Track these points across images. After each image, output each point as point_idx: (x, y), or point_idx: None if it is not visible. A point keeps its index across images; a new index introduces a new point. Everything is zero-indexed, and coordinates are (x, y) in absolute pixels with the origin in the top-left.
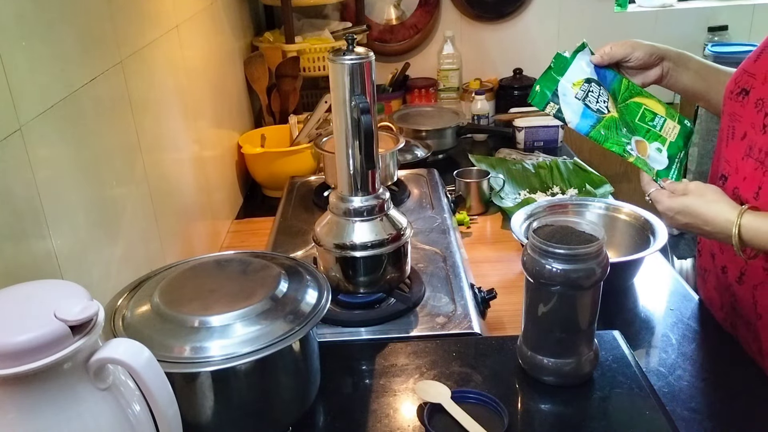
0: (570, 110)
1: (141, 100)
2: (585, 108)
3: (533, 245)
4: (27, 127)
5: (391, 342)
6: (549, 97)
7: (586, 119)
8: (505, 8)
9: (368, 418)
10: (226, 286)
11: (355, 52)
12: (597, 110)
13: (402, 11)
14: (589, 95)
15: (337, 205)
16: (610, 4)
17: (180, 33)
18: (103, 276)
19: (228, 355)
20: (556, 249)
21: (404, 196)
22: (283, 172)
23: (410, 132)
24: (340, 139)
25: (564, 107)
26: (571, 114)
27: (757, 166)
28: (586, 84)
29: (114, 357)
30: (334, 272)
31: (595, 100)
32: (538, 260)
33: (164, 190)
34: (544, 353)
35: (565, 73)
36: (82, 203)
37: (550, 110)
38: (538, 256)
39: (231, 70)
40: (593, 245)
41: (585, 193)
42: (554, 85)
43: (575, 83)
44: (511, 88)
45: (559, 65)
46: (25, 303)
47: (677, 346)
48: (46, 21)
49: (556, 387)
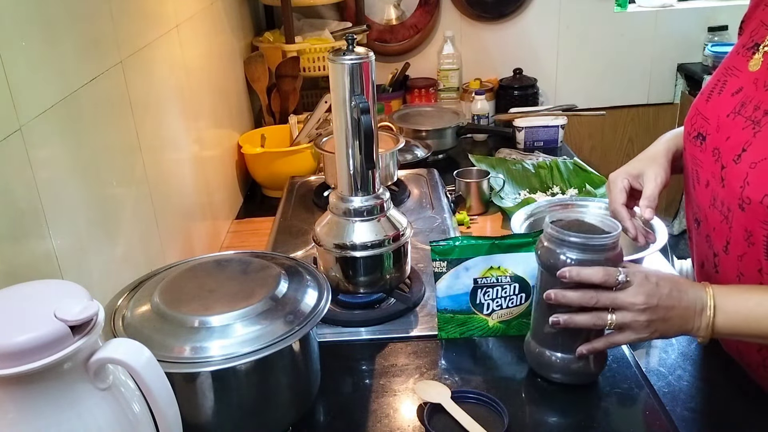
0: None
1: (141, 100)
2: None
3: (549, 235)
4: (27, 127)
5: (391, 342)
6: None
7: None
8: (505, 8)
9: (368, 418)
10: (226, 286)
11: (355, 52)
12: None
13: (402, 11)
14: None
15: (337, 205)
16: (610, 4)
17: (180, 33)
18: (103, 276)
19: (228, 355)
20: (571, 238)
21: (404, 196)
22: (283, 172)
23: (410, 132)
24: (340, 139)
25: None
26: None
27: (722, 219)
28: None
29: (114, 357)
30: (334, 272)
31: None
32: (553, 250)
33: (164, 190)
34: (552, 348)
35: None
36: (82, 203)
37: None
38: (554, 246)
39: (231, 70)
40: (608, 236)
41: (585, 193)
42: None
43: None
44: (511, 88)
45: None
46: (25, 303)
47: (677, 346)
48: (46, 21)
49: (556, 387)
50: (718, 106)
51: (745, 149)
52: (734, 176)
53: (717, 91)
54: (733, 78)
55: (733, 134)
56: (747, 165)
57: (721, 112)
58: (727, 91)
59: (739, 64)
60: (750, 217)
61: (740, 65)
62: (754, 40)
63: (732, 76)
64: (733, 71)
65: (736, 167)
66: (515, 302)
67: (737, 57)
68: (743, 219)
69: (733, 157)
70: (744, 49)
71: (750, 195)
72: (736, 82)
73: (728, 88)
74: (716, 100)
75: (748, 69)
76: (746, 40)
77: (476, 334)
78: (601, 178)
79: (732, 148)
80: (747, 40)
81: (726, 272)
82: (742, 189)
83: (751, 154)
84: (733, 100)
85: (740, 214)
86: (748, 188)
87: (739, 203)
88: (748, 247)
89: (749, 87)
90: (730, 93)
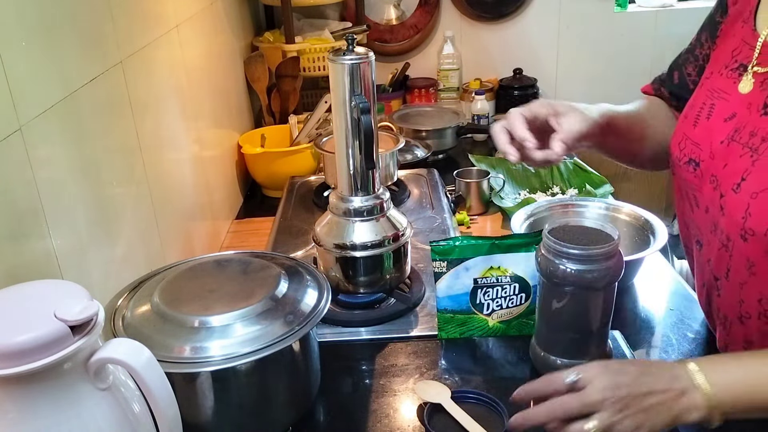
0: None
1: (141, 100)
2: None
3: (547, 245)
4: (27, 127)
5: (391, 342)
6: None
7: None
8: (505, 8)
9: (368, 418)
10: (226, 286)
11: (355, 52)
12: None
13: (402, 11)
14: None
15: (337, 205)
16: (610, 4)
17: (180, 33)
18: (103, 276)
19: (228, 355)
20: (570, 249)
21: (404, 196)
22: (283, 172)
23: (410, 132)
24: (340, 139)
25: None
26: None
27: (722, 246)
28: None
29: (114, 357)
30: (334, 272)
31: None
32: (551, 260)
33: (164, 190)
34: (556, 353)
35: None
36: (82, 203)
37: None
38: (552, 256)
39: (231, 70)
40: (607, 246)
41: (585, 193)
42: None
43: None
44: (511, 88)
45: None
46: (25, 303)
47: (677, 346)
48: (46, 21)
49: None
50: (710, 132)
51: (744, 178)
52: (734, 206)
53: (705, 116)
54: (722, 101)
55: (730, 162)
56: (748, 195)
57: (714, 139)
58: (716, 115)
59: (726, 86)
60: (753, 247)
61: (727, 87)
62: (738, 60)
63: (720, 99)
64: (721, 94)
65: (735, 196)
66: (515, 302)
67: (721, 78)
68: (745, 249)
69: (732, 186)
70: (728, 70)
71: (753, 227)
72: (727, 107)
73: (717, 112)
74: (705, 125)
75: (738, 91)
76: (727, 59)
77: (476, 334)
78: (601, 178)
79: (730, 176)
80: (729, 60)
81: (727, 296)
82: (744, 220)
83: (751, 184)
84: (727, 126)
85: (742, 243)
86: (750, 219)
87: (741, 234)
88: (749, 276)
89: (743, 112)
90: (722, 118)
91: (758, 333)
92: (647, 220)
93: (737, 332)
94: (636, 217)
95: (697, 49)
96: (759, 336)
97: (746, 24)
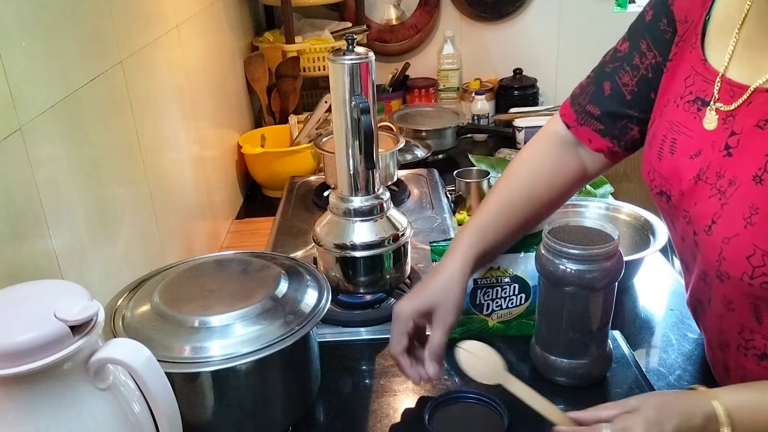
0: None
1: (141, 100)
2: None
3: (547, 245)
4: (27, 127)
5: None
6: None
7: None
8: (505, 8)
9: (368, 418)
10: (226, 286)
11: (355, 52)
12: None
13: (402, 11)
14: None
15: (337, 205)
16: (610, 4)
17: (180, 33)
18: (103, 276)
19: (228, 355)
20: (570, 249)
21: (404, 196)
22: (283, 172)
23: (410, 132)
24: (340, 139)
25: None
26: None
27: (700, 279)
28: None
29: (114, 357)
30: (334, 272)
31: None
32: (551, 260)
33: (164, 190)
34: (556, 353)
35: None
36: (82, 203)
37: None
38: (552, 256)
39: (231, 70)
40: (607, 246)
41: (585, 193)
42: None
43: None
44: (511, 88)
45: None
46: (25, 303)
47: (677, 346)
48: (46, 21)
49: (556, 387)
50: (676, 167)
51: (714, 221)
52: (708, 247)
53: (668, 150)
54: (684, 137)
55: (700, 201)
56: (720, 239)
57: (682, 176)
58: (680, 151)
59: (686, 120)
60: (730, 287)
61: (688, 122)
62: (694, 93)
63: (682, 135)
64: (681, 129)
65: (708, 238)
66: (515, 303)
67: (678, 111)
68: (721, 287)
69: (703, 227)
70: (684, 102)
71: (728, 271)
72: (691, 143)
73: (681, 147)
74: (670, 160)
75: (701, 127)
76: (681, 89)
77: (476, 334)
78: (601, 178)
79: (701, 216)
80: (682, 90)
81: (711, 322)
82: (718, 263)
83: (722, 228)
84: (693, 164)
85: (718, 283)
86: (724, 263)
87: (717, 275)
88: (727, 312)
89: (707, 150)
90: (687, 155)
91: (734, 362)
92: (647, 220)
93: (718, 356)
94: (636, 217)
95: (636, 57)
96: (735, 365)
97: (694, 50)
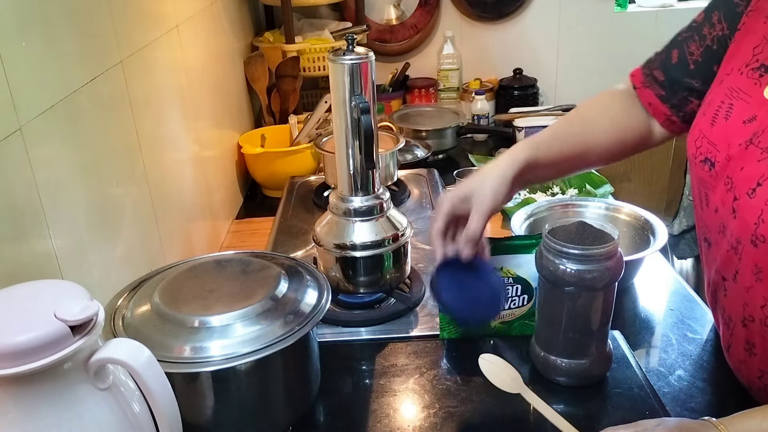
0: None
1: (141, 100)
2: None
3: (547, 245)
4: (27, 127)
5: (391, 342)
6: None
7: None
8: (505, 8)
9: (368, 418)
10: (226, 286)
11: (355, 52)
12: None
13: (402, 11)
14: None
15: (337, 205)
16: (610, 4)
17: (180, 33)
18: (103, 276)
19: (228, 355)
20: (570, 249)
21: (404, 196)
22: (283, 172)
23: (410, 132)
24: (340, 139)
25: None
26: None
27: (731, 249)
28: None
29: (114, 357)
30: (334, 272)
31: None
32: (551, 260)
33: (164, 190)
34: (556, 354)
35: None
36: (82, 203)
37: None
38: (552, 257)
39: (231, 70)
40: (607, 246)
41: (585, 193)
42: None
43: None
44: (511, 88)
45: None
46: (25, 303)
47: (677, 346)
48: (46, 21)
49: (556, 387)
50: (727, 132)
51: (760, 183)
52: (748, 211)
53: (723, 115)
54: (741, 102)
55: (747, 165)
56: (763, 201)
57: (732, 140)
58: (735, 116)
59: (747, 87)
60: (762, 253)
61: (748, 89)
62: (760, 60)
63: (739, 100)
64: (740, 94)
65: (750, 201)
66: (517, 303)
67: (742, 78)
68: (754, 254)
69: (747, 190)
70: (749, 69)
71: (765, 233)
72: (747, 108)
73: (736, 112)
74: (723, 125)
75: (761, 94)
76: (748, 57)
77: (477, 334)
78: (601, 177)
79: (746, 180)
80: (749, 58)
81: (733, 298)
82: (756, 226)
83: (766, 189)
84: (746, 129)
85: (752, 249)
86: (763, 225)
87: (752, 239)
88: (755, 281)
89: (763, 116)
90: (741, 120)
91: (760, 337)
92: (647, 220)
93: (739, 333)
94: (636, 217)
95: (705, 28)
96: (760, 339)
97: None
